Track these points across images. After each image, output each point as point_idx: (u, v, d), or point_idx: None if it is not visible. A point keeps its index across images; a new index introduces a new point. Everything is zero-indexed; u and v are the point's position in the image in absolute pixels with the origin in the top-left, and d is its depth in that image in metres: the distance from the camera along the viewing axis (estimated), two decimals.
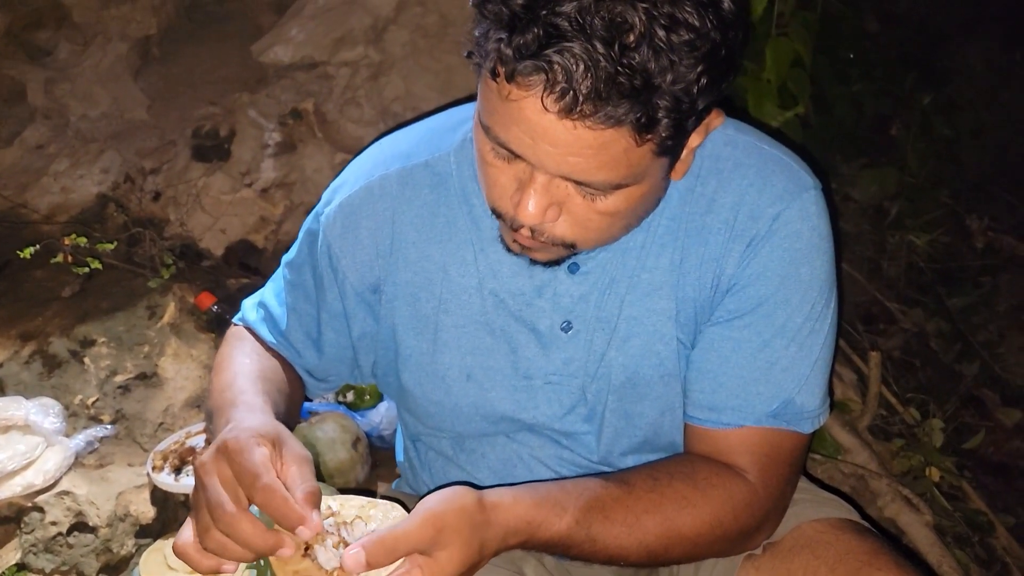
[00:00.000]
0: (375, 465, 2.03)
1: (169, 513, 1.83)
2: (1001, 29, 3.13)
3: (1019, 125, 3.07)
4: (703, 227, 1.06)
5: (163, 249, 2.39)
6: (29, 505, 1.78)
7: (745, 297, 1.06)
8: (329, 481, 1.88)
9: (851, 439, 2.06)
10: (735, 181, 1.06)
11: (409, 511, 0.90)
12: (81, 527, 1.77)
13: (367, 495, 0.95)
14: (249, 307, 1.29)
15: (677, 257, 1.08)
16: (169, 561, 1.50)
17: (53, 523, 1.76)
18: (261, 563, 0.93)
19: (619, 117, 0.82)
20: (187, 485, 1.76)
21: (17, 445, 1.80)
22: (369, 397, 2.10)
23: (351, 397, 2.10)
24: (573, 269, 1.09)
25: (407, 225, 1.13)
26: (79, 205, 2.54)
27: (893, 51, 2.92)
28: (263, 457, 0.85)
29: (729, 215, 1.05)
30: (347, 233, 1.14)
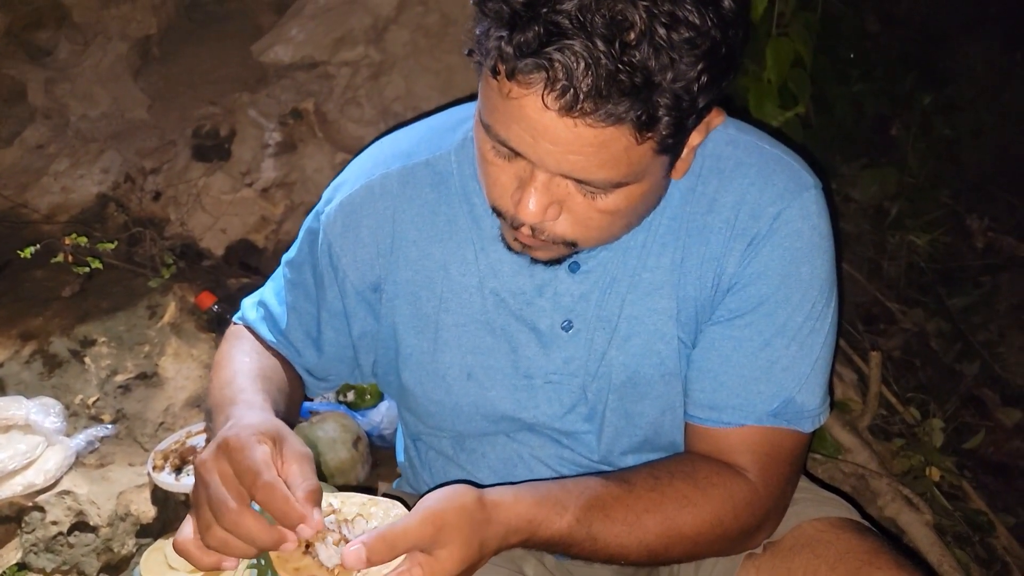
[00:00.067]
0: (376, 464, 2.03)
1: (170, 513, 1.83)
2: (1001, 29, 3.13)
3: (1019, 125, 3.06)
4: (704, 226, 1.06)
5: (163, 249, 2.39)
6: (30, 504, 1.78)
7: (746, 296, 1.06)
8: (330, 480, 1.87)
9: (851, 439, 2.06)
10: (736, 180, 1.05)
11: (410, 509, 0.90)
12: (82, 526, 1.77)
13: (367, 493, 0.94)
14: (249, 306, 1.29)
15: (678, 256, 1.07)
16: (170, 560, 1.50)
17: (54, 522, 1.76)
18: (261, 561, 0.93)
19: (619, 115, 0.82)
20: (188, 485, 1.75)
21: (18, 444, 1.80)
22: (370, 397, 2.10)
23: (352, 397, 2.10)
24: (574, 268, 1.09)
25: (408, 224, 1.13)
26: (79, 205, 2.54)
27: (893, 51, 2.92)
28: (264, 455, 0.85)
29: (730, 214, 1.05)
30: (348, 232, 1.14)
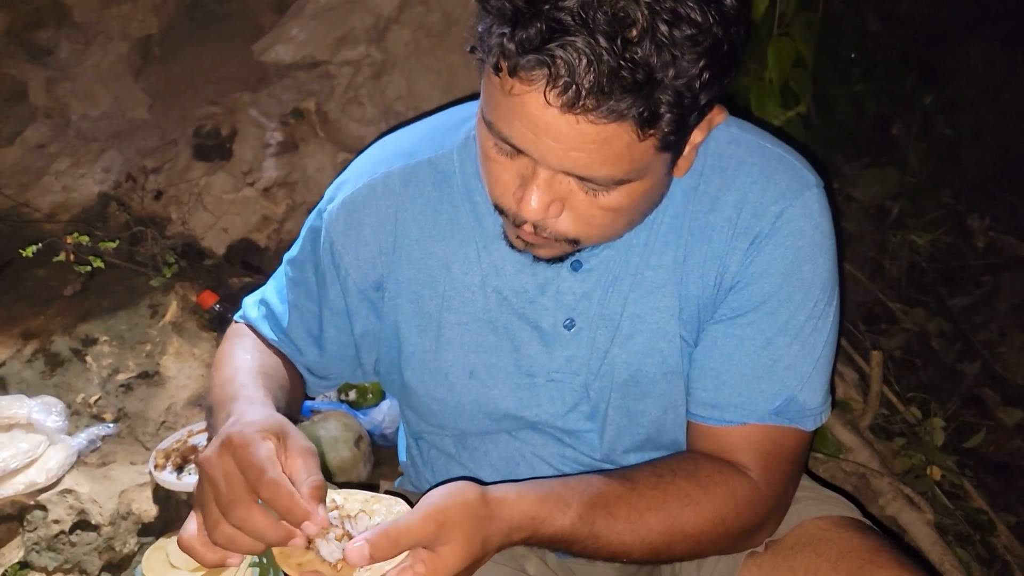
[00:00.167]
0: (377, 463, 2.02)
1: (171, 511, 1.83)
2: (1002, 29, 3.14)
3: (1020, 125, 3.07)
4: (706, 225, 1.06)
5: (165, 248, 2.38)
6: (32, 503, 1.78)
7: (748, 295, 1.06)
8: (332, 479, 1.87)
9: (853, 438, 2.06)
10: (739, 179, 1.06)
11: (413, 507, 0.90)
12: (83, 525, 1.77)
13: (369, 490, 0.94)
14: (250, 304, 1.28)
15: (680, 255, 1.08)
16: (172, 559, 1.49)
17: (56, 521, 1.76)
18: (263, 559, 0.93)
19: (621, 111, 0.82)
20: (189, 483, 1.75)
21: (20, 443, 1.80)
22: (371, 395, 2.10)
23: (353, 395, 2.09)
24: (576, 267, 1.09)
25: (410, 222, 1.13)
26: (81, 204, 2.53)
27: (895, 51, 2.92)
28: (268, 451, 0.85)
29: (732, 213, 1.05)
30: (350, 230, 1.14)
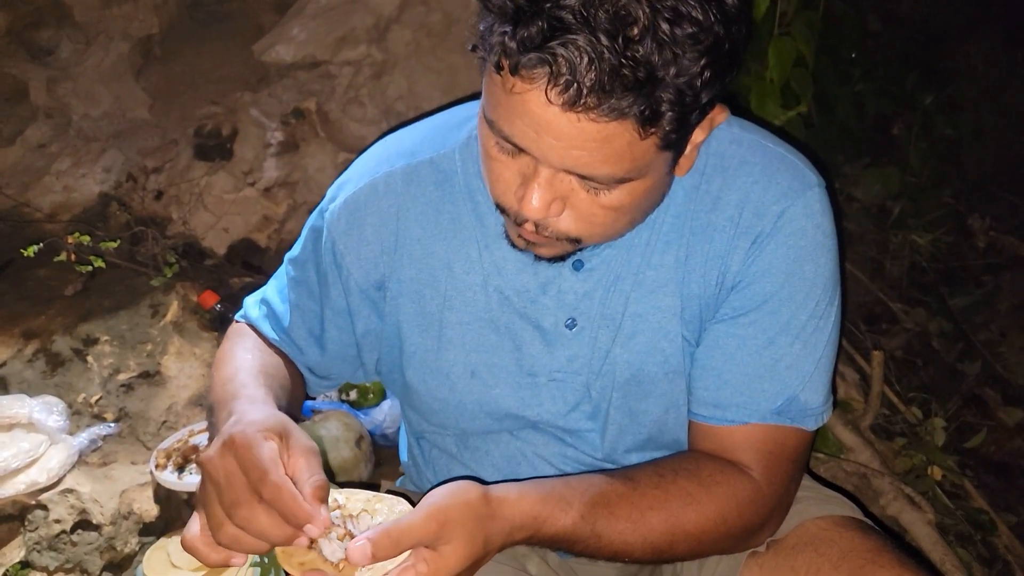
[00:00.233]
0: (378, 463, 2.02)
1: (172, 511, 1.83)
2: (1003, 29, 3.14)
3: (1021, 125, 3.07)
4: (708, 224, 1.06)
5: (166, 248, 2.39)
6: (33, 503, 1.78)
7: (750, 294, 1.06)
8: (332, 480, 1.87)
9: (854, 438, 2.06)
10: (740, 179, 1.06)
11: (414, 506, 0.90)
12: (85, 525, 1.77)
13: (371, 490, 0.94)
14: (251, 304, 1.28)
15: (682, 254, 1.07)
16: (173, 559, 1.49)
17: (57, 521, 1.76)
18: (264, 559, 0.94)
19: (623, 110, 0.82)
20: (190, 483, 1.75)
21: (21, 443, 1.80)
22: (372, 395, 2.10)
23: (354, 395, 2.09)
24: (578, 266, 1.09)
25: (412, 222, 1.13)
26: (81, 204, 2.53)
27: (895, 51, 2.92)
28: (271, 452, 0.84)
29: (734, 212, 1.05)
30: (352, 230, 1.14)
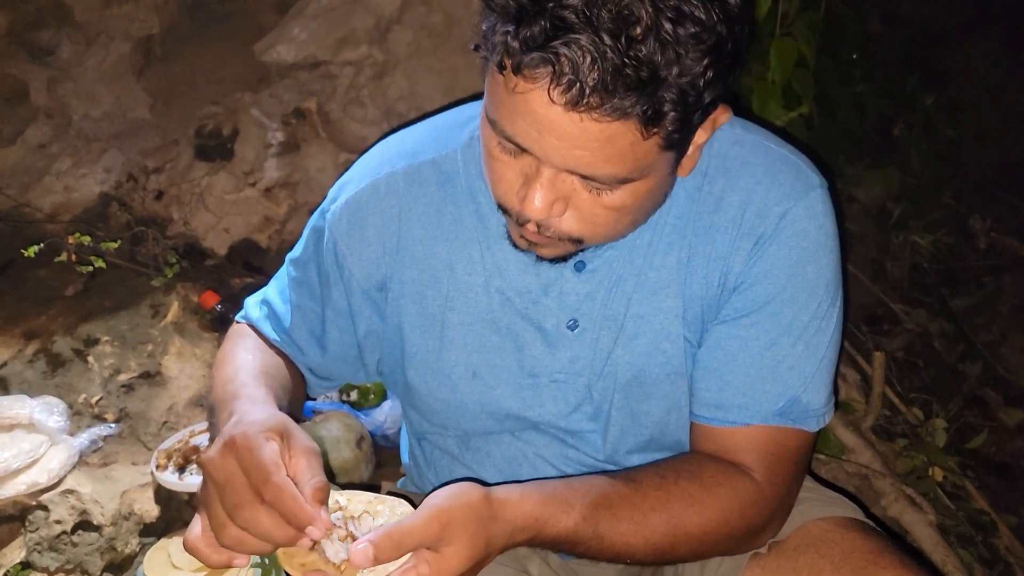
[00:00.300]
0: (379, 464, 2.02)
1: (173, 512, 1.83)
2: (1004, 30, 3.14)
3: (1021, 126, 3.07)
4: (710, 226, 1.06)
5: (166, 248, 2.39)
6: (33, 504, 1.78)
7: (752, 295, 1.06)
8: (333, 481, 1.87)
9: (855, 439, 2.06)
10: (743, 180, 1.05)
11: (416, 508, 0.90)
12: (85, 526, 1.77)
13: (372, 491, 0.94)
14: (252, 304, 1.28)
15: (684, 255, 1.07)
16: (173, 560, 1.50)
17: (57, 521, 1.76)
18: (265, 560, 0.93)
19: (625, 109, 0.82)
20: (191, 484, 1.75)
21: (21, 444, 1.80)
22: (373, 396, 2.10)
23: (355, 396, 2.09)
24: (579, 267, 1.09)
25: (414, 223, 1.13)
26: (82, 204, 2.54)
27: (896, 52, 2.91)
28: (272, 453, 0.84)
29: (736, 213, 1.05)
30: (353, 230, 1.13)
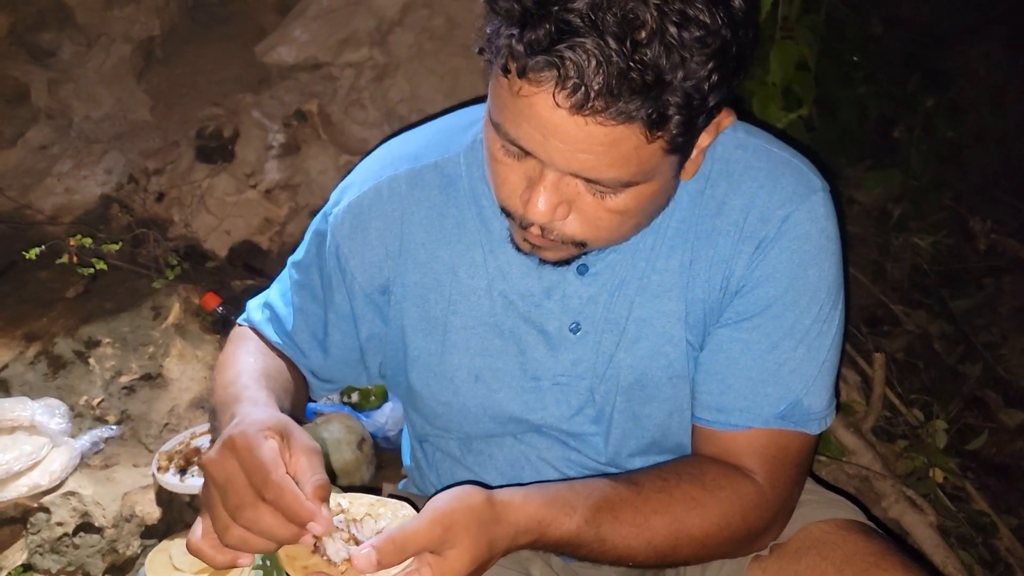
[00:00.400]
0: (380, 466, 2.02)
1: (174, 514, 1.83)
2: (1005, 32, 3.13)
3: (1022, 128, 3.06)
4: (713, 229, 1.06)
5: (167, 250, 2.39)
6: (35, 506, 1.78)
7: (754, 299, 1.06)
8: (334, 482, 1.87)
9: (855, 440, 2.06)
10: (745, 183, 1.06)
11: (418, 511, 0.90)
12: (87, 528, 1.77)
13: (374, 494, 0.94)
14: (254, 307, 1.28)
15: (687, 259, 1.07)
16: (175, 561, 1.50)
17: (59, 524, 1.76)
18: (267, 562, 0.93)
19: (630, 113, 0.82)
20: (192, 486, 1.75)
21: (23, 446, 1.80)
22: (374, 398, 2.10)
23: (356, 398, 2.09)
24: (582, 271, 1.09)
25: (416, 226, 1.13)
26: (83, 206, 2.54)
27: (897, 53, 2.91)
28: (272, 451, 0.84)
29: (739, 217, 1.05)
30: (356, 234, 1.14)
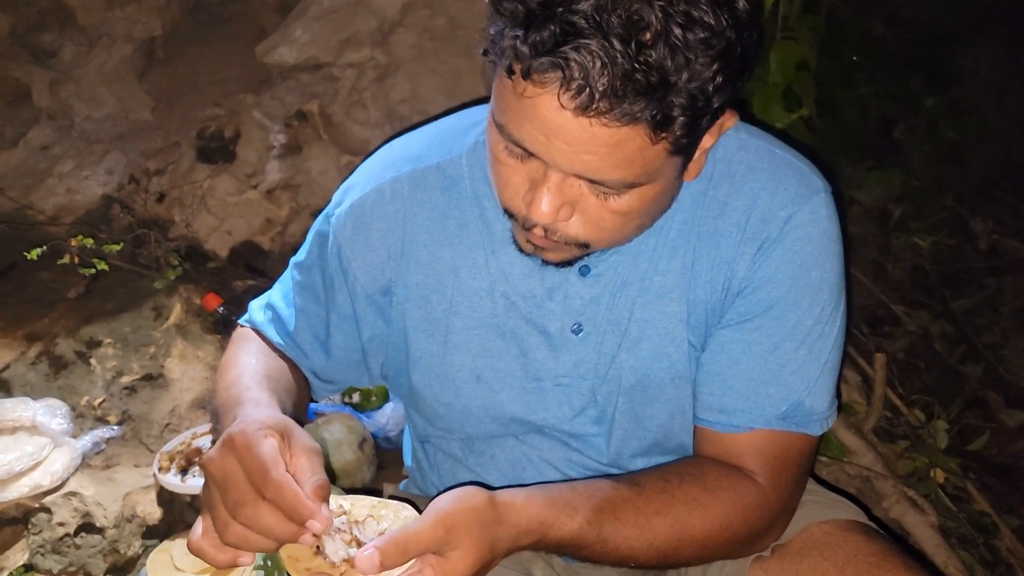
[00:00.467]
0: (381, 466, 2.02)
1: (175, 514, 1.83)
2: (1007, 32, 3.13)
3: None
4: (715, 230, 1.06)
5: (168, 250, 2.38)
6: (36, 506, 1.78)
7: (756, 300, 1.06)
8: (335, 482, 1.87)
9: (856, 441, 2.06)
10: (747, 185, 1.06)
11: (420, 512, 0.90)
12: (88, 528, 1.77)
13: (375, 496, 0.94)
14: (256, 308, 1.28)
15: (689, 260, 1.08)
16: (176, 561, 1.49)
17: (60, 524, 1.76)
18: (268, 562, 0.93)
19: (635, 114, 0.82)
20: (193, 486, 1.75)
21: (24, 446, 1.80)
22: (375, 398, 2.10)
23: (357, 398, 2.09)
24: (584, 272, 1.09)
25: (418, 227, 1.13)
26: (84, 206, 2.54)
27: (899, 54, 2.91)
28: (272, 450, 0.84)
29: (741, 218, 1.05)
30: (358, 235, 1.14)
